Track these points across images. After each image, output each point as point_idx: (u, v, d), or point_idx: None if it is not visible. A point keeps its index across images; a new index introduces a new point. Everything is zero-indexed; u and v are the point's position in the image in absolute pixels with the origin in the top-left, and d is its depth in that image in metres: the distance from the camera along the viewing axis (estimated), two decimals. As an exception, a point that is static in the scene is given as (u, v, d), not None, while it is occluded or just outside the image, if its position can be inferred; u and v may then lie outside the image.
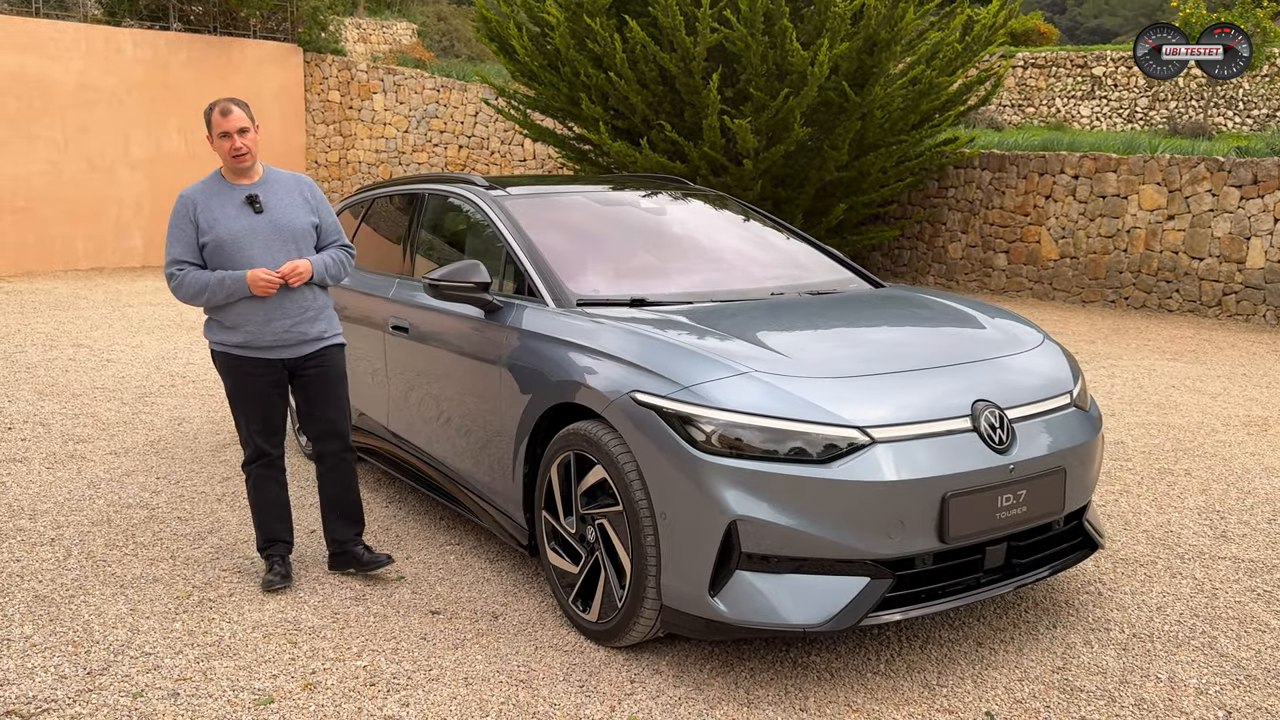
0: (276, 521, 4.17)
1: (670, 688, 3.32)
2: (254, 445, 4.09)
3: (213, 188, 4.00)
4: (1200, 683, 3.36)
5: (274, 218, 3.98)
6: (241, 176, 4.02)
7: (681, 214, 4.88)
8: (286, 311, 3.97)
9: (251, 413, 4.06)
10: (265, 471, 4.13)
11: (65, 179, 15.19)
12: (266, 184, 4.04)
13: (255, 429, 4.07)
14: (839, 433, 3.15)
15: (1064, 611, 3.89)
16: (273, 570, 4.12)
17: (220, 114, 3.94)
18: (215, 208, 3.94)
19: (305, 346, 4.05)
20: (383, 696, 3.27)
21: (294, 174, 4.18)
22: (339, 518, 4.23)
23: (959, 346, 3.80)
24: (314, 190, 4.17)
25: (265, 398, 4.05)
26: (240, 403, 4.06)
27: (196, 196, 3.97)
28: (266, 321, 3.95)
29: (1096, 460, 3.72)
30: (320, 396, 4.12)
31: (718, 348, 3.44)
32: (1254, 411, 7.26)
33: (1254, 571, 4.30)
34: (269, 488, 4.14)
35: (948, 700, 3.25)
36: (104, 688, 3.30)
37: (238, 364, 4.00)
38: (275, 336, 3.97)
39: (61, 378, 7.84)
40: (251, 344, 3.96)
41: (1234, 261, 11.88)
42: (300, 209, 4.05)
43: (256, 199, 3.97)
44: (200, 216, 3.93)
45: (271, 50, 17.43)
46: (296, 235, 4.01)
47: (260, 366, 4.00)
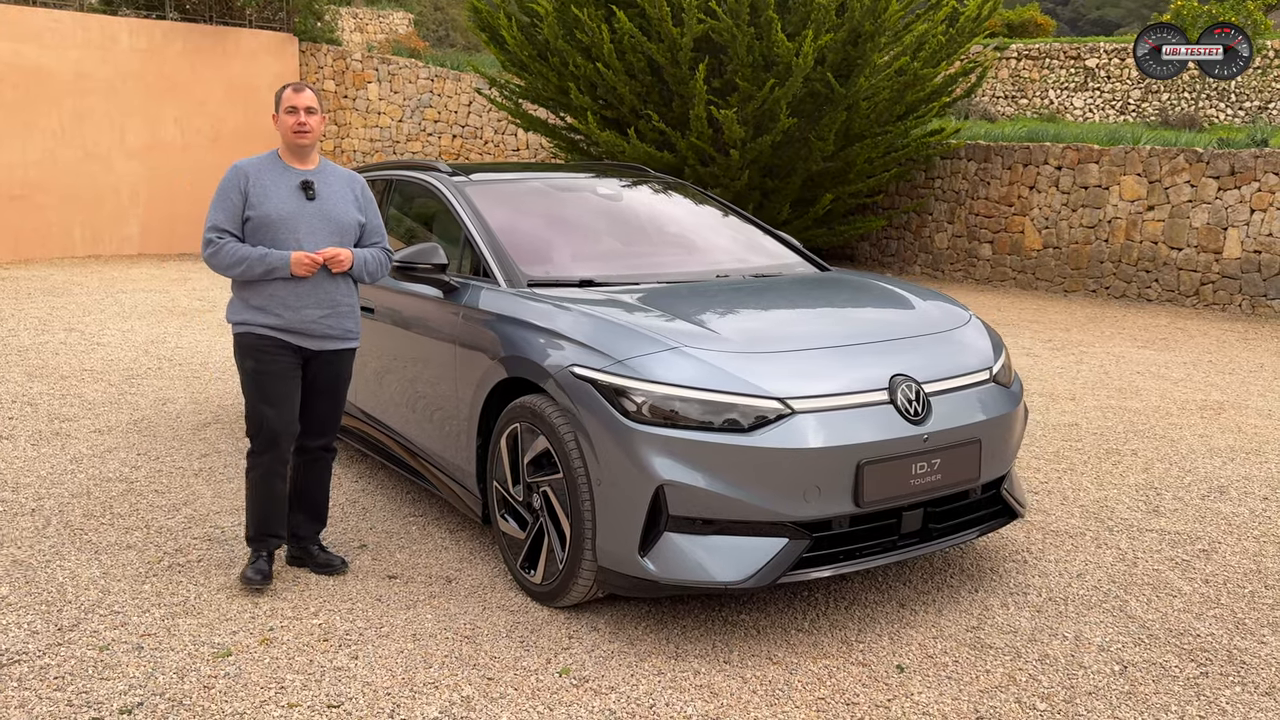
0: (275, 517, 4.04)
1: (605, 642, 3.53)
2: (268, 433, 3.94)
3: (268, 165, 3.96)
4: (1103, 640, 3.57)
5: (324, 207, 3.94)
6: (299, 159, 3.98)
7: (637, 200, 5.08)
8: (319, 301, 3.92)
9: (270, 396, 3.92)
10: (273, 466, 3.98)
11: (62, 167, 15.40)
12: (322, 174, 4.01)
13: (273, 414, 3.92)
14: (760, 403, 3.35)
15: (988, 577, 4.09)
16: (256, 566, 4.00)
17: (294, 90, 3.94)
18: (268, 183, 3.90)
19: (329, 342, 3.98)
20: (334, 650, 3.48)
21: (348, 171, 4.17)
22: (306, 513, 4.19)
23: (885, 325, 4.00)
24: (365, 189, 4.13)
25: (286, 381, 3.95)
26: (261, 384, 3.93)
27: (250, 169, 3.92)
28: (299, 308, 3.89)
29: (1015, 432, 3.92)
30: (322, 392, 4.06)
31: (652, 325, 3.64)
32: (1211, 396, 7.45)
33: (1177, 543, 4.50)
34: (273, 483, 4.00)
35: (863, 655, 3.46)
36: (73, 642, 3.52)
37: (264, 343, 3.91)
38: (304, 324, 3.91)
39: (51, 360, 8.06)
40: (280, 326, 3.89)
41: (1211, 252, 12.06)
42: (350, 204, 4.01)
43: (311, 185, 3.93)
44: (251, 189, 3.88)
45: (267, 40, 17.61)
46: (343, 228, 3.97)
47: (285, 350, 3.92)
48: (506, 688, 3.24)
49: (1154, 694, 3.23)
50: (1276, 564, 4.29)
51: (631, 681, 3.28)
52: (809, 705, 3.15)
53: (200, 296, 11.71)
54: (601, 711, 3.10)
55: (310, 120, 3.92)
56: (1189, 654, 3.49)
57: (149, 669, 3.34)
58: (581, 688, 3.24)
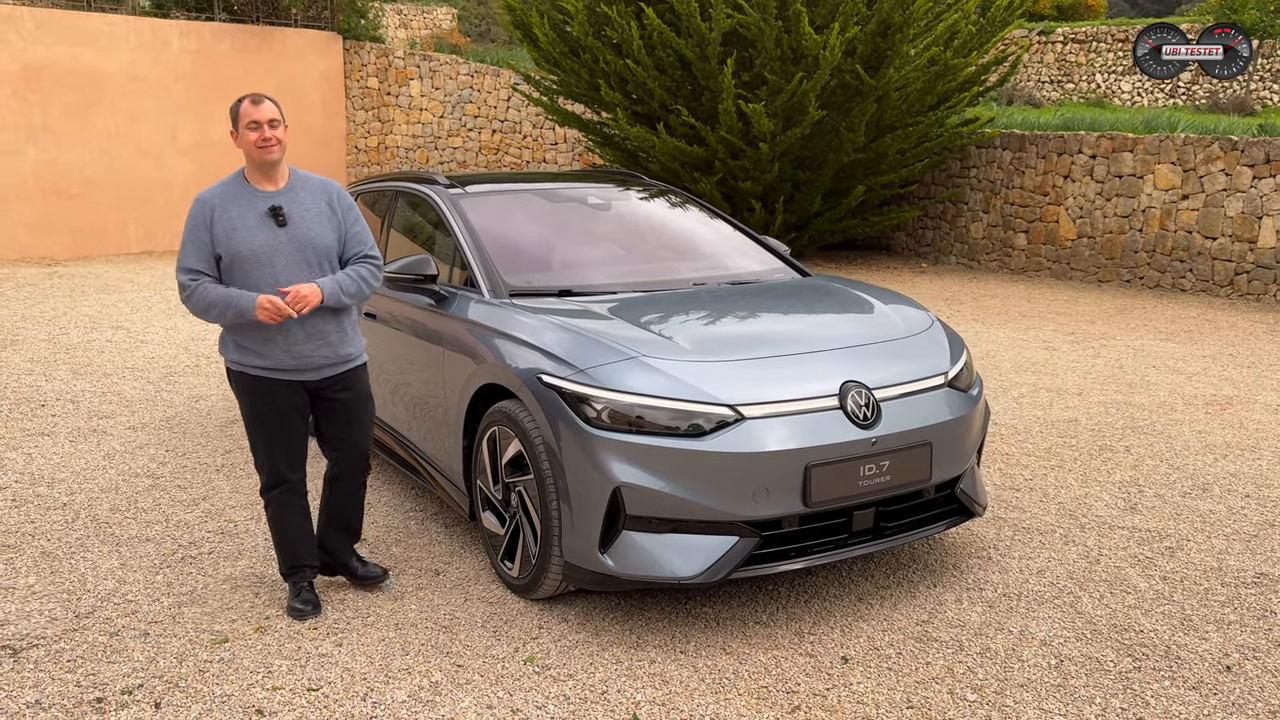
0: (301, 548, 3.98)
1: (572, 633, 3.77)
2: (273, 471, 3.87)
3: (233, 192, 3.70)
4: (1046, 635, 3.73)
5: (296, 233, 3.70)
6: (266, 179, 3.73)
7: (626, 209, 5.30)
8: (308, 334, 3.74)
9: (272, 436, 3.82)
10: (287, 499, 3.92)
11: (117, 166, 15.99)
12: (292, 191, 3.75)
13: (276, 454, 3.84)
14: (711, 410, 3.56)
15: (949, 572, 4.26)
16: (300, 597, 3.94)
17: (251, 103, 3.66)
18: (234, 215, 3.65)
19: (330, 369, 3.84)
20: (321, 638, 3.76)
21: (322, 179, 3.88)
22: (336, 530, 4.13)
23: (843, 332, 4.18)
24: (342, 196, 3.87)
25: (286, 420, 3.81)
26: (259, 425, 3.82)
27: (214, 201, 3.67)
28: (287, 346, 3.73)
29: (971, 434, 4.08)
30: (346, 421, 3.94)
31: (615, 334, 3.87)
32: (1223, 391, 7.48)
33: (1145, 540, 4.62)
34: (292, 516, 3.94)
35: (812, 646, 3.66)
36: (87, 628, 3.84)
37: (257, 384, 3.77)
38: (297, 360, 3.76)
39: (97, 358, 8.49)
40: (272, 367, 3.74)
41: (1246, 241, 11.94)
42: (325, 221, 3.77)
43: (280, 210, 3.68)
44: (217, 225, 3.64)
45: (312, 39, 18.06)
46: (320, 253, 3.75)
47: (281, 387, 3.77)
48: (473, 674, 3.49)
49: (1083, 687, 3.39)
50: (1239, 561, 4.40)
51: (590, 669, 3.52)
52: (751, 693, 3.36)
53: (244, 293, 12.13)
54: (556, 697, 3.34)
55: (275, 133, 3.66)
56: (1127, 649, 3.63)
57: (152, 653, 3.65)
58: (543, 675, 3.49)
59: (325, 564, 4.14)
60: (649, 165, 13.85)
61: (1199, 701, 3.31)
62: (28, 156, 15.16)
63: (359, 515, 4.20)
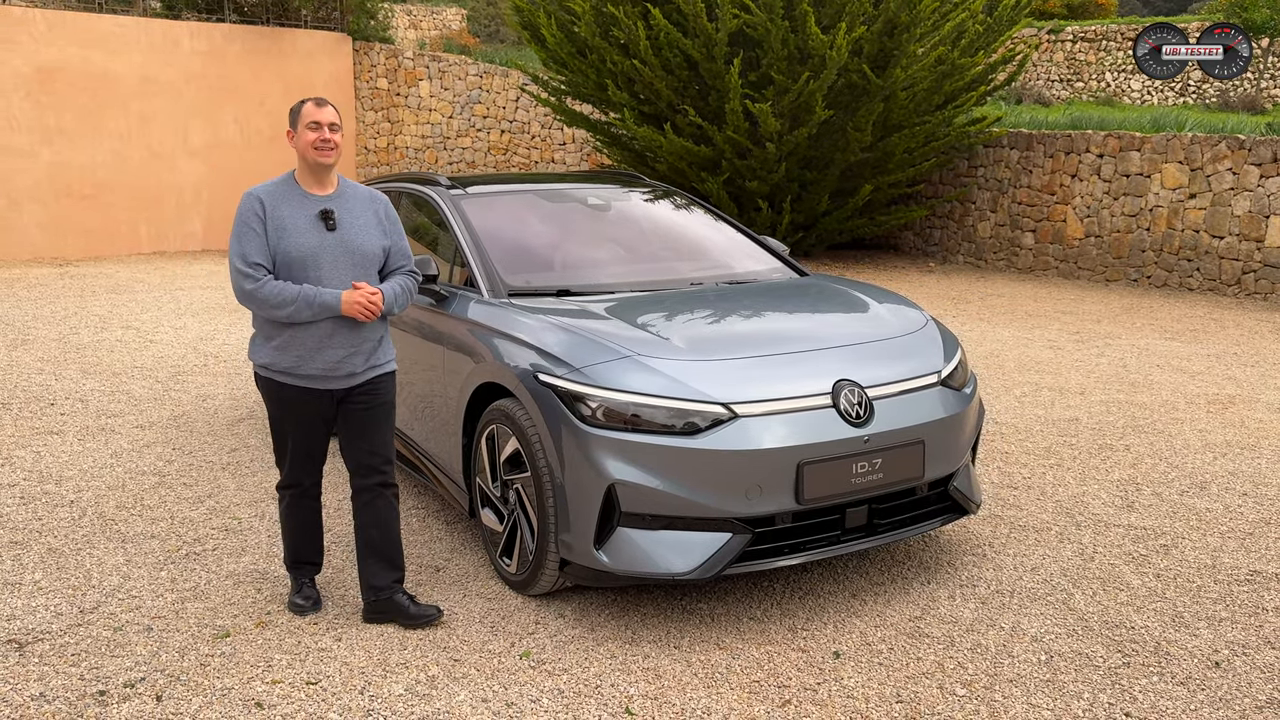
0: (306, 544, 4.00)
1: (568, 629, 3.82)
2: (290, 473, 3.88)
3: (283, 192, 3.67)
4: (1038, 632, 3.76)
5: (346, 238, 3.68)
6: (317, 183, 3.71)
7: (624, 209, 5.35)
8: (343, 342, 3.68)
9: (294, 442, 3.82)
10: (301, 500, 3.94)
11: (129, 167, 16.11)
12: (341, 198, 3.74)
13: (295, 459, 3.85)
14: (705, 408, 3.61)
15: (943, 569, 4.30)
16: (301, 593, 3.98)
17: (315, 104, 3.67)
18: (285, 216, 3.62)
19: (357, 377, 3.77)
20: (321, 632, 3.82)
21: (370, 190, 3.86)
22: (375, 561, 3.89)
23: (837, 331, 4.22)
24: (389, 210, 3.86)
25: (310, 428, 3.80)
26: (282, 430, 3.83)
27: (265, 197, 3.64)
28: (318, 349, 3.66)
29: (965, 432, 4.11)
30: (365, 426, 3.83)
31: (611, 334, 3.91)
32: (1225, 390, 7.49)
33: (1140, 539, 4.65)
34: (302, 514, 3.96)
35: (805, 641, 3.70)
36: (91, 623, 3.90)
37: (283, 391, 3.74)
38: (324, 367, 3.69)
39: (106, 358, 8.57)
40: (297, 370, 3.68)
41: (1253, 240, 11.93)
42: (373, 230, 3.76)
43: (331, 215, 3.66)
44: (270, 222, 3.61)
45: (322, 40, 18.15)
46: (367, 260, 3.72)
47: (306, 395, 3.73)
48: (470, 668, 3.54)
49: (1072, 682, 3.42)
50: (1233, 559, 4.43)
51: (585, 664, 3.56)
52: (743, 687, 3.40)
53: (253, 293, 12.21)
54: (550, 691, 3.39)
55: (334, 137, 3.65)
56: (1117, 645, 3.67)
57: (155, 648, 3.71)
58: (538, 669, 3.54)
59: (373, 606, 3.88)
60: (656, 165, 13.90)
61: (1186, 696, 3.34)
62: (41, 158, 15.29)
63: (397, 545, 3.93)
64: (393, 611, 3.86)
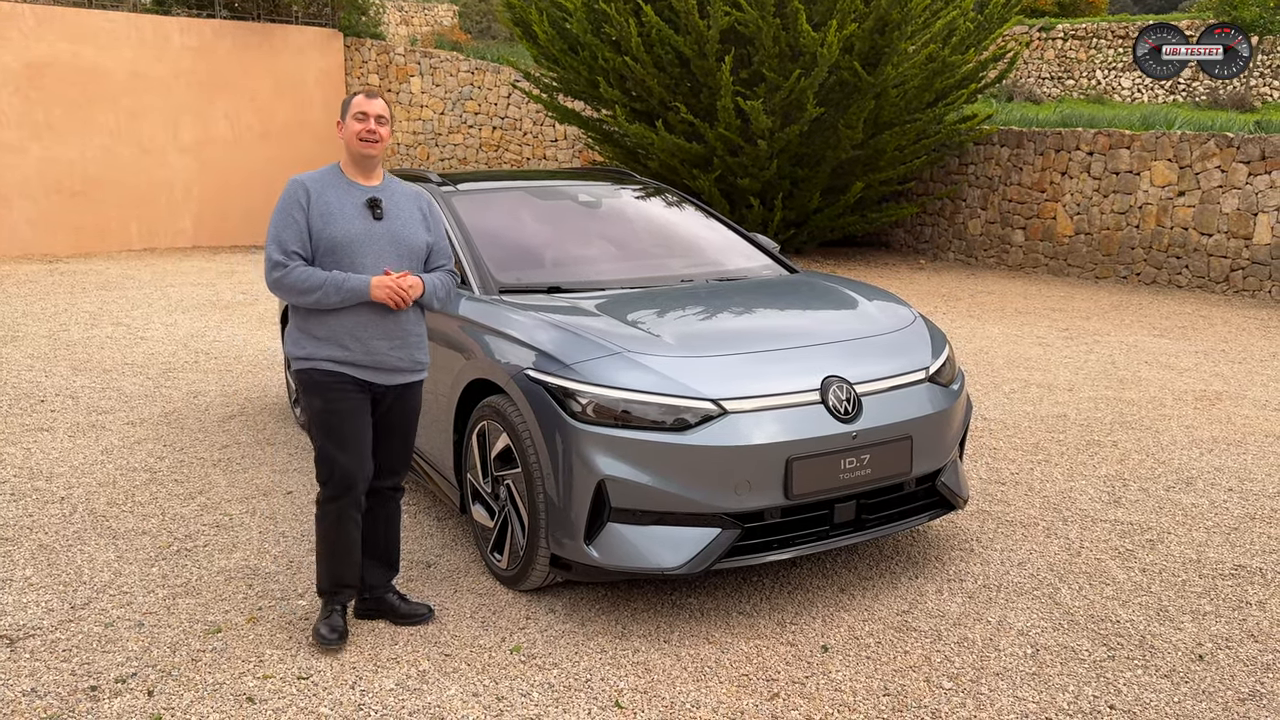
0: (349, 564, 3.73)
1: (559, 623, 3.84)
2: (343, 477, 3.63)
3: (330, 180, 3.64)
4: (1024, 625, 3.79)
5: (393, 228, 3.65)
6: (363, 174, 3.69)
7: (615, 206, 5.37)
8: (388, 331, 3.63)
9: (344, 434, 3.61)
10: (346, 511, 3.68)
11: (119, 163, 16.07)
12: (387, 190, 3.71)
13: (347, 455, 3.62)
14: (694, 404, 3.63)
15: (930, 564, 4.33)
16: (330, 621, 3.71)
17: (365, 96, 3.66)
18: (332, 202, 3.59)
19: (399, 375, 3.69)
20: (312, 628, 3.83)
21: (414, 187, 3.87)
22: (376, 559, 3.87)
23: (826, 328, 4.25)
24: (432, 207, 3.85)
25: (358, 418, 3.64)
26: (330, 425, 3.61)
27: (310, 184, 3.61)
28: (366, 339, 3.60)
29: (952, 428, 4.14)
30: (394, 429, 3.78)
31: (601, 330, 3.93)
32: (1212, 386, 7.54)
33: (1127, 534, 4.69)
34: (347, 530, 3.70)
35: (793, 635, 3.73)
36: (83, 619, 3.91)
37: (331, 380, 3.60)
38: (372, 357, 3.62)
39: (97, 354, 8.57)
40: (347, 360, 3.60)
41: (1241, 238, 11.99)
42: (418, 224, 3.73)
43: (379, 203, 3.64)
44: (313, 209, 3.56)
45: (313, 35, 18.12)
46: (412, 250, 3.68)
47: (351, 384, 3.62)
48: (460, 663, 3.56)
49: (1057, 675, 3.45)
50: (1218, 554, 4.46)
51: (575, 658, 3.59)
52: (732, 681, 3.43)
53: (244, 290, 12.22)
54: (541, 685, 3.41)
55: (381, 130, 3.64)
56: (1103, 639, 3.70)
57: (146, 643, 3.72)
58: (528, 664, 3.56)
59: (363, 605, 3.87)
60: (648, 162, 13.92)
61: (1170, 689, 3.38)
62: (31, 154, 15.25)
63: (395, 545, 3.93)
64: (384, 610, 3.87)
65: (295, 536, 4.73)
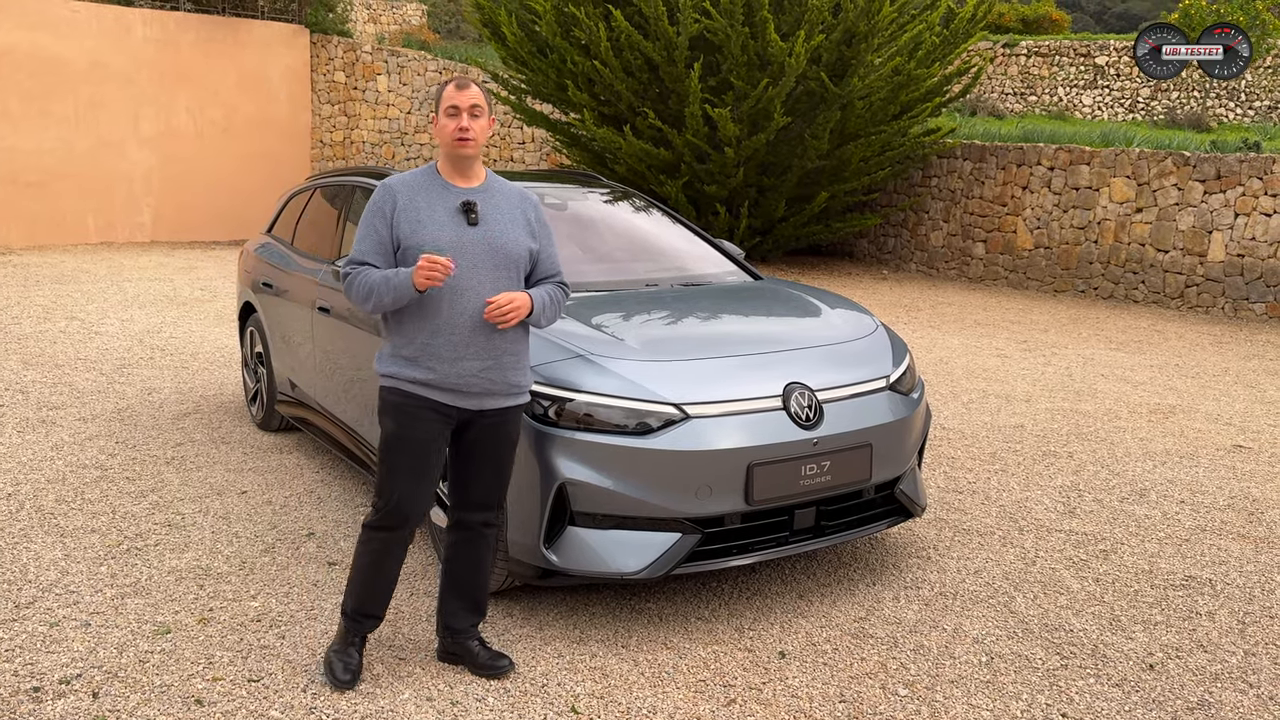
0: (381, 595, 3.47)
1: (516, 627, 3.81)
2: (398, 507, 3.34)
3: (423, 182, 3.35)
4: (979, 633, 3.82)
5: (489, 234, 3.30)
6: (460, 175, 3.36)
7: (582, 209, 5.34)
8: (481, 351, 3.28)
9: (411, 466, 3.32)
10: (392, 545, 3.41)
11: (77, 155, 15.81)
12: (487, 192, 3.37)
13: (408, 488, 3.33)
14: (656, 408, 3.63)
15: (888, 572, 4.35)
16: (345, 653, 3.45)
17: (455, 86, 3.32)
18: (421, 208, 3.29)
19: (490, 399, 3.34)
20: (264, 630, 3.77)
21: (521, 189, 3.49)
22: (458, 602, 3.54)
23: (789, 334, 4.27)
24: (539, 212, 3.48)
25: (431, 450, 3.33)
26: (398, 451, 3.33)
27: (399, 190, 3.33)
28: (455, 360, 3.26)
29: (911, 436, 4.16)
30: (483, 457, 3.42)
31: (564, 332, 3.91)
32: (1166, 399, 7.65)
33: (1081, 544, 4.73)
34: (388, 563, 3.43)
35: (751, 641, 3.73)
36: (27, 618, 3.83)
37: (408, 402, 3.30)
38: (461, 379, 3.27)
39: (49, 349, 8.41)
40: (430, 382, 3.28)
41: (1196, 255, 12.19)
42: (520, 230, 3.37)
43: (473, 207, 3.30)
44: (400, 215, 3.28)
45: (279, 31, 17.95)
46: (512, 260, 3.33)
47: (431, 411, 3.30)
48: (415, 667, 3.52)
49: (1011, 683, 3.48)
50: (1170, 564, 4.52)
51: (531, 663, 3.56)
52: (689, 687, 3.42)
53: (203, 286, 12.06)
54: (496, 690, 3.38)
55: (474, 125, 3.28)
56: (1056, 648, 3.73)
57: (92, 644, 3.64)
58: (484, 668, 3.52)
59: (445, 648, 3.56)
60: (615, 167, 13.91)
61: (1121, 698, 3.41)
62: (-15, 143, 15.00)
63: (484, 588, 3.57)
64: (465, 656, 3.52)
65: (249, 537, 4.66)
